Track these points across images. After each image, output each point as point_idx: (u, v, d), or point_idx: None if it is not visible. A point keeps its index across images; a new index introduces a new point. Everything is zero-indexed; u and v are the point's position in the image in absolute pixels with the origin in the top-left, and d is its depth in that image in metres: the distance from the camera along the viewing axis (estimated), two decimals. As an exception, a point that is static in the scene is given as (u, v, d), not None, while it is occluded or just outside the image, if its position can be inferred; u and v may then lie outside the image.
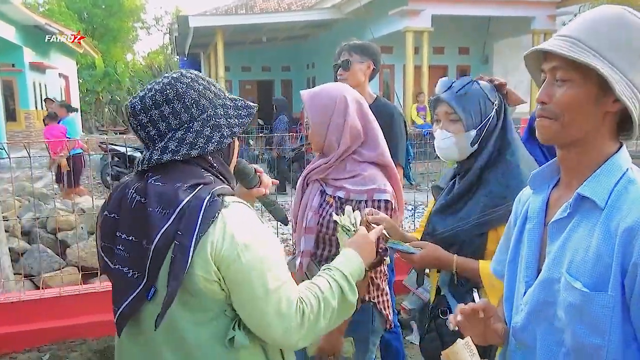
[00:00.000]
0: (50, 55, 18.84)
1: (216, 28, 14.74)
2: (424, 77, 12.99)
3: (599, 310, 0.94)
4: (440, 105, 1.68)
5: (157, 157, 1.18)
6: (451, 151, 1.66)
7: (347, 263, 1.35)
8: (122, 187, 1.23)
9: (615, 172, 1.00)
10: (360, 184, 1.82)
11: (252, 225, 1.18)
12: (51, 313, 3.48)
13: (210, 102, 1.23)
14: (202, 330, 1.17)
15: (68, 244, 4.40)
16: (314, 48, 18.30)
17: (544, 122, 1.04)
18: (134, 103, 1.20)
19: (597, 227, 0.98)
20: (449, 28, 14.20)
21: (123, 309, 1.16)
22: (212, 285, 1.14)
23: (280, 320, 1.15)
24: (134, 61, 38.42)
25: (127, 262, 1.16)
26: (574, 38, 0.99)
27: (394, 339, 2.90)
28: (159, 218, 1.12)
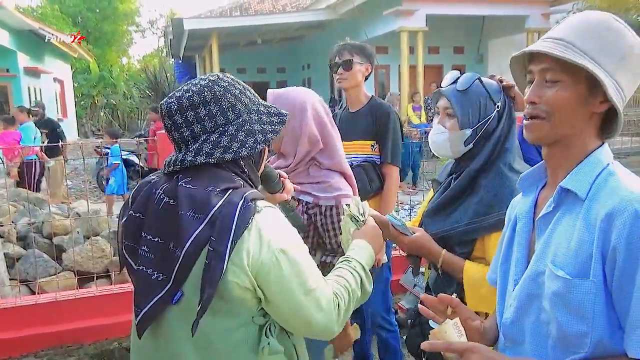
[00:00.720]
0: (45, 60, 18.79)
1: (211, 30, 14.75)
2: (419, 77, 13.02)
3: (582, 296, 0.96)
4: (441, 99, 1.65)
5: (190, 158, 1.16)
6: (443, 147, 1.64)
7: (362, 254, 1.40)
8: (149, 186, 1.21)
9: (596, 166, 1.04)
10: (328, 191, 1.88)
11: (285, 230, 1.19)
12: (47, 318, 3.47)
13: (245, 106, 1.22)
14: (230, 337, 1.17)
15: (64, 249, 4.38)
16: (309, 49, 18.32)
17: (535, 122, 1.06)
18: (169, 103, 1.19)
19: (579, 218, 1.01)
20: (443, 28, 14.24)
21: (146, 311, 1.14)
22: (245, 292, 1.13)
23: (322, 316, 1.19)
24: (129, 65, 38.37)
25: (152, 263, 1.14)
26: (564, 40, 1.02)
27: (392, 338, 2.89)
28: (190, 222, 1.10)
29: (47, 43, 17.31)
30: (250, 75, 20.71)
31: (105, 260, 4.25)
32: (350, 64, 2.71)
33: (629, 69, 1.03)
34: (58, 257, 4.27)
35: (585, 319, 0.96)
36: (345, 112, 2.88)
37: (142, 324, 1.16)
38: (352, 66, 2.71)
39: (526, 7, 13.57)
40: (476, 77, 1.62)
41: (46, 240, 4.47)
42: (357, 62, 2.72)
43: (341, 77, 2.75)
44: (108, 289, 3.66)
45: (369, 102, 2.80)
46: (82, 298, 3.55)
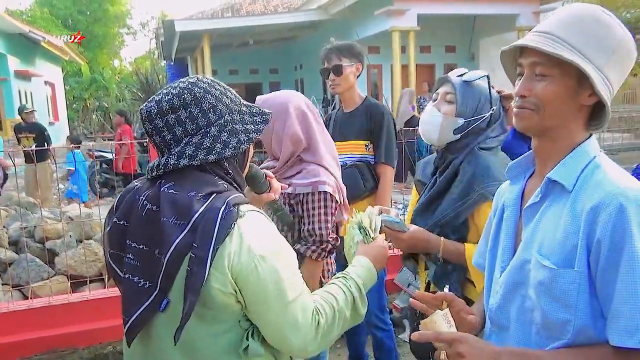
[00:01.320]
0: (36, 63, 18.68)
1: (202, 32, 14.71)
2: (411, 76, 13.04)
3: (566, 286, 0.99)
4: (443, 84, 1.69)
5: (173, 162, 1.15)
6: (433, 130, 1.67)
7: (362, 274, 1.36)
8: (132, 193, 1.20)
9: (583, 158, 1.06)
10: (304, 178, 1.93)
11: (268, 235, 1.17)
12: (41, 322, 3.45)
13: (226, 107, 1.21)
14: (217, 342, 1.16)
15: (56, 253, 4.35)
16: (302, 50, 18.32)
17: (525, 112, 1.08)
18: (149, 107, 1.18)
19: (565, 209, 1.03)
20: (435, 27, 14.28)
21: (134, 319, 1.13)
22: (229, 297, 1.12)
23: (297, 332, 1.16)
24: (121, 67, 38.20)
25: (138, 271, 1.13)
26: (554, 35, 1.03)
27: (387, 337, 2.89)
28: (172, 228, 1.09)
29: (38, 46, 17.23)
30: (242, 77, 20.67)
31: (99, 263, 4.23)
32: (340, 68, 2.70)
33: (618, 62, 1.04)
34: (51, 261, 4.24)
35: (568, 308, 0.99)
36: (340, 112, 2.88)
37: (131, 331, 1.15)
38: (342, 70, 2.70)
39: (517, 5, 13.64)
40: (485, 75, 1.68)
41: (38, 244, 4.44)
42: (347, 64, 2.71)
43: (334, 82, 2.74)
44: (102, 292, 3.64)
45: (363, 102, 2.80)
46: (75, 302, 3.53)
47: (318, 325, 1.19)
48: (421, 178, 1.84)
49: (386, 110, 2.79)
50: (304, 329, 1.16)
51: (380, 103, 2.92)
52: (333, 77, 2.72)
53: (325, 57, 2.75)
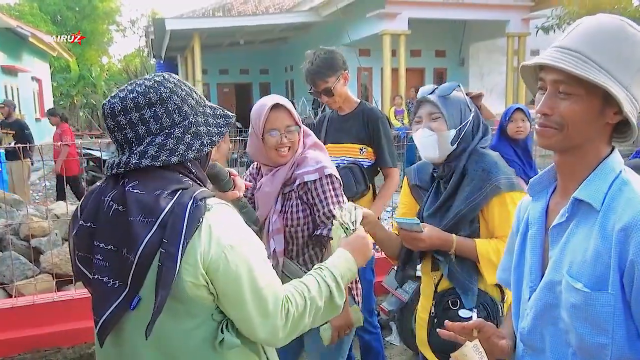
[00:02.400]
0: (23, 58, 18.45)
1: (193, 31, 14.64)
2: (401, 80, 13.11)
3: (601, 309, 0.97)
4: (424, 106, 1.77)
5: (135, 161, 1.14)
6: (432, 149, 1.74)
7: (339, 265, 1.35)
8: (96, 194, 1.19)
9: (608, 174, 1.03)
10: (308, 166, 1.97)
11: (236, 226, 1.18)
12: (25, 321, 3.40)
13: (192, 108, 1.21)
14: (191, 336, 1.16)
15: (42, 251, 4.30)
16: (293, 51, 18.31)
17: (548, 131, 1.05)
18: (113, 103, 1.16)
19: (594, 229, 1.00)
20: (425, 31, 14.37)
21: (105, 318, 1.13)
22: (200, 290, 1.13)
23: (266, 320, 1.16)
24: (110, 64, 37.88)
25: (107, 271, 1.13)
26: (578, 52, 0.99)
27: (374, 340, 2.90)
28: (141, 227, 1.09)
29: (26, 41, 17.01)
30: (233, 76, 20.62)
31: (85, 262, 4.19)
32: (330, 90, 2.67)
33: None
34: (36, 259, 4.19)
35: (605, 331, 0.97)
36: (335, 115, 2.88)
37: (102, 331, 1.15)
38: (332, 91, 2.68)
39: (507, 12, 13.78)
40: (456, 85, 1.78)
41: (23, 242, 4.38)
42: (333, 82, 2.66)
43: (329, 103, 2.75)
44: (87, 292, 3.60)
45: (358, 106, 2.80)
46: (60, 301, 3.49)
47: (288, 313, 1.19)
48: (418, 182, 1.89)
49: (382, 115, 2.80)
50: (273, 317, 1.17)
51: (376, 107, 2.93)
52: (326, 99, 2.72)
53: (311, 82, 2.70)
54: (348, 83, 2.79)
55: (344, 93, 2.74)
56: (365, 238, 1.47)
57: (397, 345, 3.57)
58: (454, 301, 1.71)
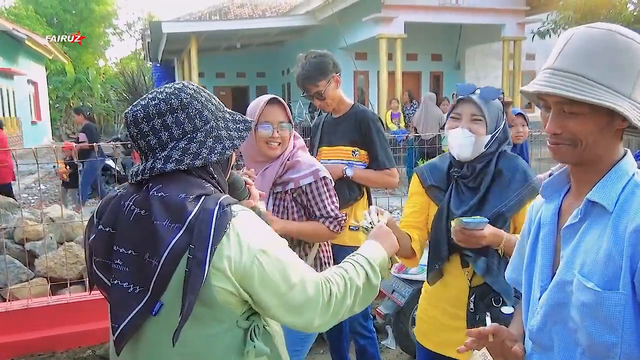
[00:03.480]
0: (19, 61, 18.41)
1: (190, 34, 14.65)
2: (397, 84, 13.13)
3: (612, 308, 0.98)
4: (466, 105, 1.79)
5: (160, 166, 1.15)
6: (467, 149, 1.78)
7: (368, 250, 1.41)
8: (116, 199, 1.20)
9: (622, 177, 1.05)
10: (301, 170, 2.05)
11: (262, 230, 1.20)
12: (19, 326, 3.38)
13: (212, 113, 1.22)
14: (216, 343, 1.16)
15: (36, 255, 4.27)
16: (289, 54, 18.33)
17: (562, 148, 1.06)
18: (136, 111, 1.17)
19: (606, 230, 1.02)
20: (421, 35, 14.42)
21: (125, 325, 1.12)
22: (229, 296, 1.13)
23: (310, 304, 1.19)
24: (107, 67, 37.84)
25: (128, 276, 1.12)
26: (574, 73, 0.99)
27: (370, 345, 2.89)
28: (166, 231, 1.09)
29: (22, 44, 16.98)
30: (229, 80, 20.63)
31: (80, 266, 4.16)
32: (322, 93, 2.67)
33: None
34: (30, 263, 4.16)
35: (615, 330, 0.98)
36: (329, 118, 2.88)
37: (121, 339, 1.13)
38: (323, 95, 2.68)
39: (502, 16, 13.85)
40: (501, 92, 1.82)
41: (18, 245, 4.36)
42: (324, 86, 2.65)
43: (322, 106, 2.76)
44: (82, 295, 3.58)
45: (351, 108, 2.80)
46: (55, 305, 3.47)
47: (330, 293, 1.23)
48: (435, 183, 1.90)
49: (374, 117, 2.79)
50: (316, 299, 1.20)
51: (368, 108, 2.91)
52: (319, 102, 2.72)
53: (302, 87, 2.71)
54: (341, 86, 2.78)
55: (336, 96, 2.73)
56: (382, 227, 1.54)
57: (393, 349, 3.57)
58: (497, 298, 1.74)
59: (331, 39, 14.09)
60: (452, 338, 1.83)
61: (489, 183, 1.78)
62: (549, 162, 6.48)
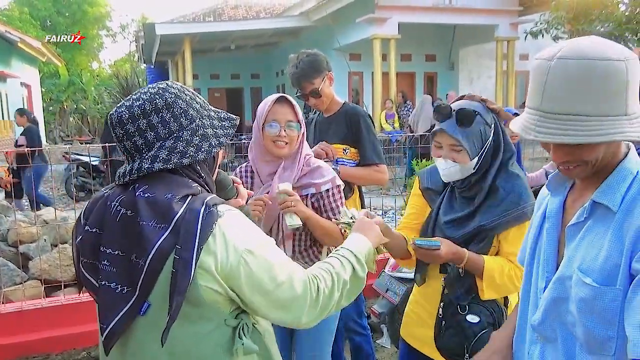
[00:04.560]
0: (12, 64, 18.32)
1: (183, 36, 14.62)
2: (392, 84, 13.16)
3: (609, 303, 1.00)
4: (442, 136, 1.72)
5: (147, 166, 1.15)
6: (455, 175, 1.75)
7: (352, 243, 1.41)
8: (103, 200, 1.19)
9: (626, 177, 1.06)
10: (322, 176, 2.09)
11: (249, 229, 1.20)
12: (13, 328, 3.37)
13: (197, 112, 1.22)
14: (205, 341, 1.17)
15: (30, 257, 4.26)
16: (284, 56, 18.24)
17: (575, 170, 1.08)
18: (120, 112, 1.17)
19: (610, 230, 1.03)
20: (415, 35, 14.45)
21: (113, 325, 1.12)
22: (216, 295, 1.14)
23: (298, 302, 1.19)
24: (100, 69, 37.70)
25: (115, 277, 1.12)
26: (566, 114, 0.98)
27: (365, 342, 2.90)
28: (153, 232, 1.09)
29: (14, 47, 16.89)
30: (224, 81, 20.59)
31: (74, 268, 4.16)
32: (317, 92, 2.68)
33: (634, 88, 1.00)
34: (24, 265, 4.15)
35: (611, 325, 1.00)
36: (320, 117, 2.89)
37: (109, 339, 1.13)
38: (319, 92, 2.69)
39: (496, 17, 13.89)
40: (476, 113, 1.69)
41: (12, 248, 4.35)
42: (319, 83, 2.67)
43: (316, 105, 2.76)
44: (76, 297, 3.57)
45: (342, 107, 2.81)
46: (49, 307, 3.47)
47: (318, 289, 1.22)
48: (431, 186, 1.89)
49: (364, 114, 2.79)
50: (303, 296, 1.20)
51: (359, 106, 2.91)
52: (314, 100, 2.72)
53: (297, 85, 2.71)
54: (334, 86, 2.79)
55: (330, 94, 2.75)
56: (363, 219, 1.55)
57: (388, 348, 3.57)
58: (463, 306, 1.74)
59: (325, 40, 14.10)
60: (422, 333, 1.87)
61: (483, 198, 1.74)
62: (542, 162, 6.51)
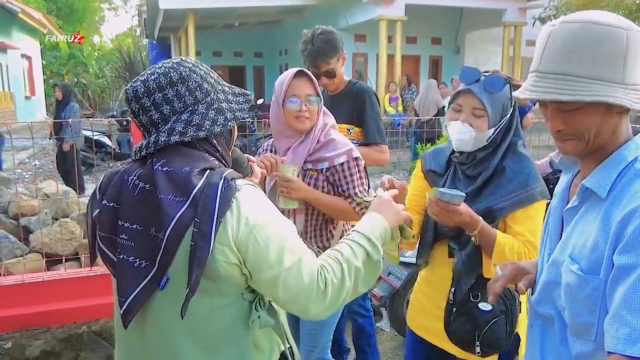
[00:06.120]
0: (13, 35, 18.12)
1: (187, 11, 14.44)
2: (396, 67, 13.04)
3: (591, 292, 1.02)
4: (468, 97, 1.67)
5: (164, 139, 1.14)
6: (467, 144, 1.70)
7: (366, 224, 1.33)
8: (120, 174, 1.19)
9: (619, 164, 1.05)
10: (337, 149, 2.02)
11: (263, 206, 1.19)
12: (14, 300, 3.38)
13: (212, 86, 1.23)
14: (222, 315, 1.17)
15: (31, 230, 4.25)
16: (287, 34, 18.13)
17: (570, 143, 1.08)
18: (136, 86, 1.17)
19: (598, 217, 1.03)
20: (422, 18, 14.27)
21: (132, 299, 1.13)
22: (233, 269, 1.13)
23: (304, 292, 1.16)
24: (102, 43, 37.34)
25: (133, 251, 1.13)
26: (562, 73, 1.00)
27: (367, 324, 2.92)
28: (171, 205, 1.09)
29: (15, 17, 16.69)
30: (226, 59, 20.42)
31: (75, 242, 4.15)
32: (334, 71, 2.61)
33: (635, 58, 1.00)
34: (25, 238, 4.15)
35: (592, 312, 1.02)
36: (325, 95, 2.83)
37: (128, 313, 1.14)
38: (335, 73, 2.63)
39: (504, 1, 13.71)
40: (507, 81, 1.67)
41: (12, 220, 4.33)
42: (334, 63, 2.60)
43: (327, 85, 2.67)
44: (77, 271, 3.57)
45: (347, 85, 2.75)
46: (50, 280, 3.46)
47: (325, 281, 1.19)
48: (434, 168, 1.86)
49: (370, 90, 2.73)
50: (310, 287, 1.16)
51: (365, 84, 2.85)
52: (326, 80, 2.64)
53: (312, 62, 2.61)
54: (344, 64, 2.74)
55: (341, 74, 2.70)
56: (380, 198, 1.44)
57: (387, 331, 3.59)
58: (475, 293, 1.71)
59: (330, 20, 13.90)
60: (432, 325, 1.85)
61: (487, 177, 1.70)
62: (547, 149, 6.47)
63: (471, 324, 1.71)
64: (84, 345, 3.25)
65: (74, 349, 3.24)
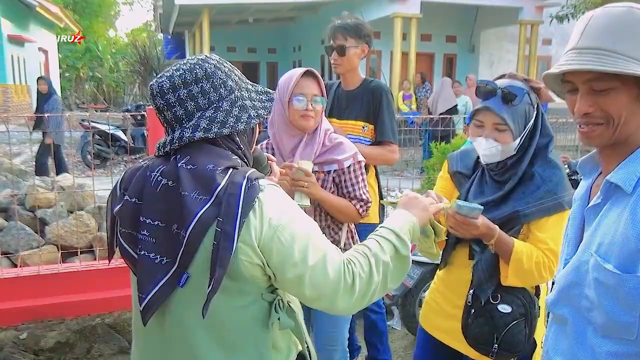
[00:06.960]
0: (30, 29, 18.33)
1: (202, 6, 14.49)
2: (411, 64, 12.98)
3: (629, 291, 0.99)
4: (487, 114, 1.67)
5: (189, 135, 1.15)
6: (495, 157, 1.71)
7: (394, 220, 1.34)
8: (142, 170, 1.20)
9: None
10: (344, 152, 2.07)
11: (286, 206, 1.18)
12: (29, 291, 3.42)
13: (236, 83, 1.23)
14: (241, 315, 1.17)
15: (47, 222, 4.30)
16: (301, 31, 18.13)
17: (595, 129, 1.06)
18: (161, 82, 1.18)
19: (625, 212, 1.02)
20: (437, 15, 14.18)
21: (152, 296, 1.13)
22: (255, 269, 1.13)
23: (330, 286, 1.15)
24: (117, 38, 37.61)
25: (154, 247, 1.13)
26: (599, 48, 1.01)
27: (380, 320, 2.92)
28: (194, 202, 1.09)
29: (33, 11, 16.88)
30: (240, 55, 20.46)
31: (90, 235, 4.19)
32: (344, 50, 2.63)
33: None
34: (41, 230, 4.20)
35: (632, 311, 1.00)
36: (340, 89, 2.82)
37: (148, 310, 1.14)
38: (345, 52, 2.64)
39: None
40: (526, 92, 1.66)
41: (29, 212, 4.39)
42: (352, 45, 2.63)
43: (336, 62, 2.69)
44: (92, 264, 3.61)
45: (363, 83, 2.75)
46: (65, 272, 3.50)
47: (353, 274, 1.18)
48: (461, 169, 1.86)
49: (387, 88, 2.73)
50: (337, 282, 1.16)
51: (382, 82, 2.85)
52: (336, 56, 2.66)
53: (331, 34, 2.67)
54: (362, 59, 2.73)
55: (354, 63, 2.69)
56: (407, 195, 1.46)
57: (398, 330, 3.59)
58: (495, 295, 1.70)
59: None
60: (447, 325, 1.84)
61: (515, 182, 1.69)
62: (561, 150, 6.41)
63: (490, 326, 1.69)
64: (97, 337, 3.29)
65: (87, 340, 3.28)
